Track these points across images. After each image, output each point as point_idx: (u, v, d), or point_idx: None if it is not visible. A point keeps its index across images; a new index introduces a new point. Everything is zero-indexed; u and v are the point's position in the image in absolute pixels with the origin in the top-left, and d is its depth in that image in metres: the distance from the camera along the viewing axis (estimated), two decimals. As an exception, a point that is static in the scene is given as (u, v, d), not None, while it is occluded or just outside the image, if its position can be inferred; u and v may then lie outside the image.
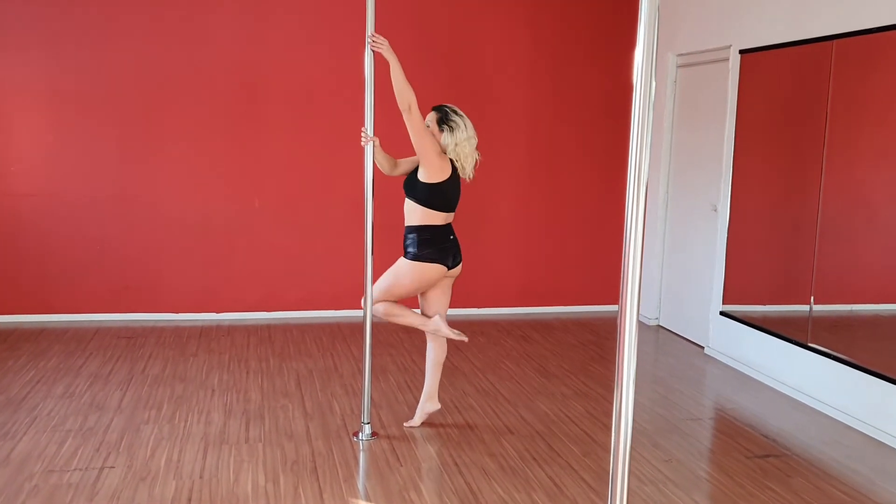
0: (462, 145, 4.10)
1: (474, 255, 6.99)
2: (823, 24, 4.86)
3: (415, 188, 4.10)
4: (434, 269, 4.12)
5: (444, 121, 4.11)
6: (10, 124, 6.28)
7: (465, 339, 4.23)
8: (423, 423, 4.41)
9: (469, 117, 4.17)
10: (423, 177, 4.05)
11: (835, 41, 4.77)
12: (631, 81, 1.72)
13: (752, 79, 5.56)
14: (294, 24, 6.54)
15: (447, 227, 4.17)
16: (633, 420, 4.65)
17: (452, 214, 4.20)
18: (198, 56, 6.42)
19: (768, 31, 5.36)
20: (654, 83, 1.73)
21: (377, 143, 4.16)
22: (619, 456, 1.80)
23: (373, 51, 4.02)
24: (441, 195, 4.09)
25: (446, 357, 4.48)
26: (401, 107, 3.91)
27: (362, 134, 4.14)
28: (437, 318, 4.20)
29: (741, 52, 5.61)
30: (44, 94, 6.28)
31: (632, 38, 7.55)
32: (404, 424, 4.43)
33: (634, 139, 1.74)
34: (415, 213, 4.12)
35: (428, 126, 4.10)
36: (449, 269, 4.17)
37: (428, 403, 4.39)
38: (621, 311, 1.77)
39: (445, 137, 4.10)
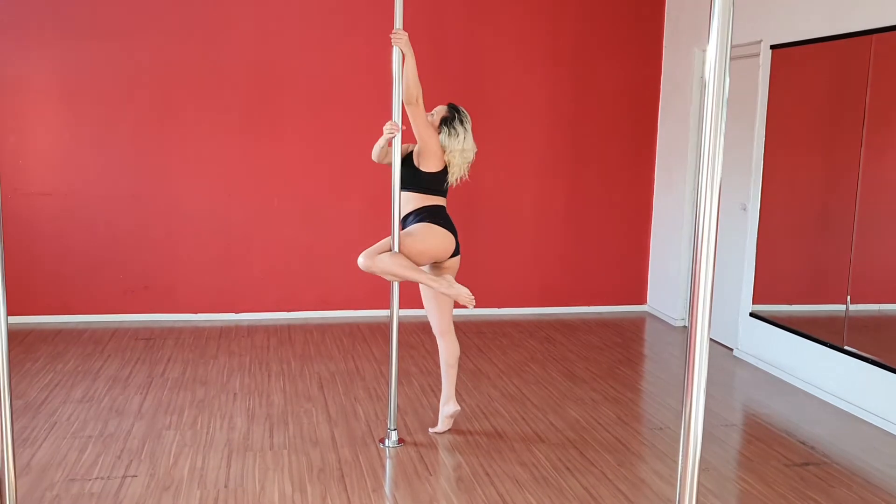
0: (453, 154, 4.09)
1: (495, 254, 6.89)
2: (862, 18, 4.71)
3: (417, 178, 4.08)
4: (447, 236, 4.06)
5: (447, 122, 4.11)
6: (27, 123, 6.19)
7: (471, 305, 3.98)
8: (449, 430, 4.30)
9: (488, 113, 4.12)
10: (424, 166, 4.06)
11: (874, 35, 4.62)
12: (657, 75, 1.61)
13: (783, 75, 5.41)
14: (313, 20, 6.42)
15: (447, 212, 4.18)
16: (668, 426, 4.46)
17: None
18: (215, 53, 6.32)
19: (802, 26, 5.21)
20: (727, 80, 1.62)
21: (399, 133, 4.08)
22: (686, 481, 1.68)
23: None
24: (442, 182, 4.12)
25: (469, 360, 4.35)
26: (408, 99, 3.91)
27: (389, 126, 4.01)
28: (448, 276, 4.01)
29: (772, 47, 5.46)
30: (60, 93, 6.19)
31: (656, 29, 7.31)
32: (430, 430, 4.32)
33: (707, 140, 1.64)
34: (415, 200, 4.10)
35: (433, 115, 4.15)
36: (454, 246, 4.11)
37: (447, 406, 4.27)
38: (691, 330, 1.66)
39: (442, 137, 4.09)
